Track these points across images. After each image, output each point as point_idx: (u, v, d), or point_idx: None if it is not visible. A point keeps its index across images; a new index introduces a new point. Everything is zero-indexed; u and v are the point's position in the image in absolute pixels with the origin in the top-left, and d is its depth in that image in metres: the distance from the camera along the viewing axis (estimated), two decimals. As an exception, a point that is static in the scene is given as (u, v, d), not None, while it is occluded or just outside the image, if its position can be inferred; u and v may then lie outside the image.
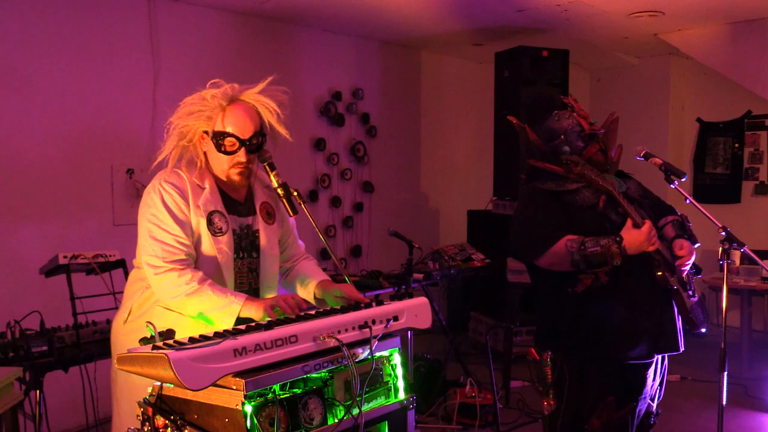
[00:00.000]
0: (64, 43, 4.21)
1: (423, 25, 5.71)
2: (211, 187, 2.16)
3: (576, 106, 2.81)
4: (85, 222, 4.29)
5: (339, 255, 6.04)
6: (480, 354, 5.41)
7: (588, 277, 2.51)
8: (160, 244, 2.05)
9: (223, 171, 2.17)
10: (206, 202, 2.13)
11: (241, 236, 2.22)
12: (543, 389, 2.69)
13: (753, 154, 6.62)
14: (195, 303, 2.02)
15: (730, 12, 5.34)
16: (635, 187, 2.81)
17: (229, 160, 2.14)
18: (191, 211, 2.11)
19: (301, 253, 2.47)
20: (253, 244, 2.25)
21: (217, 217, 2.14)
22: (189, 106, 2.13)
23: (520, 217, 2.78)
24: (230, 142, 2.12)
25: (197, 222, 2.11)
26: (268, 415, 1.62)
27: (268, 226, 2.28)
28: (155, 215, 2.08)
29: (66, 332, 2.90)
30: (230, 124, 2.11)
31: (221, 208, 2.16)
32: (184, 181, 2.13)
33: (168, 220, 2.06)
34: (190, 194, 2.12)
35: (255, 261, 2.25)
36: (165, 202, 2.08)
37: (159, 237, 2.06)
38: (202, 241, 2.12)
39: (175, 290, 2.02)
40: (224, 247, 2.14)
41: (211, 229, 2.12)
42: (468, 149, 7.35)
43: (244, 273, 2.23)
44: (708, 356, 3.48)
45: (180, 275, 2.02)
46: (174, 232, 2.06)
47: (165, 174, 2.15)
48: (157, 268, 2.04)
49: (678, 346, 2.61)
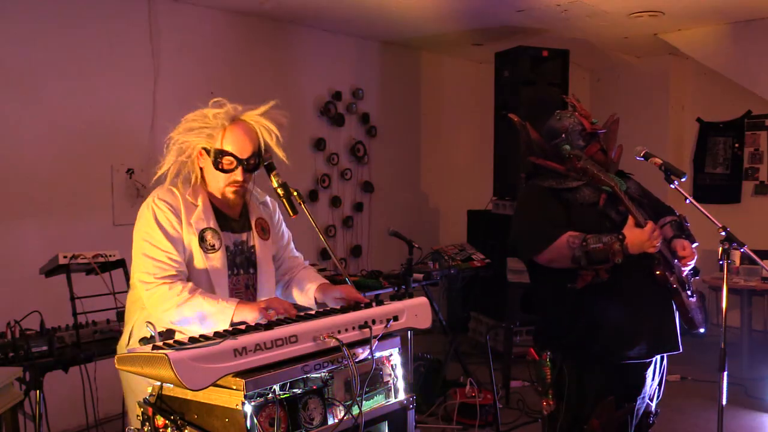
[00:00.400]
0: (63, 44, 4.21)
1: (423, 25, 5.71)
2: (204, 205, 2.17)
3: (578, 105, 2.82)
4: (85, 222, 4.29)
5: (339, 255, 6.04)
6: (480, 354, 5.41)
7: (588, 274, 2.52)
8: (152, 261, 2.06)
9: (218, 188, 2.18)
10: (198, 220, 2.14)
11: (235, 253, 2.23)
12: (542, 389, 2.69)
13: (753, 154, 6.61)
14: (187, 312, 2.01)
15: (730, 12, 5.34)
16: (635, 187, 2.82)
17: (226, 178, 2.15)
18: (183, 228, 2.12)
19: (300, 264, 2.48)
20: (249, 260, 2.26)
21: (209, 234, 2.15)
22: (190, 122, 2.14)
23: (520, 214, 2.78)
24: (228, 161, 2.13)
25: (189, 239, 2.12)
26: (268, 415, 1.62)
27: (263, 242, 2.29)
28: (148, 233, 2.10)
29: (66, 332, 2.91)
30: (230, 143, 2.12)
31: (214, 225, 2.17)
32: (177, 198, 2.15)
33: (160, 237, 2.08)
34: (183, 212, 2.13)
35: (252, 277, 2.26)
36: (158, 219, 2.10)
37: (151, 254, 2.07)
38: (195, 258, 2.13)
39: (166, 303, 2.02)
40: (217, 263, 2.15)
41: (203, 246, 2.13)
42: (468, 149, 7.34)
43: (241, 290, 2.23)
44: (708, 356, 3.48)
45: (171, 288, 2.03)
46: (166, 249, 2.07)
47: (160, 191, 2.17)
48: (148, 284, 2.05)
49: (677, 345, 2.62)
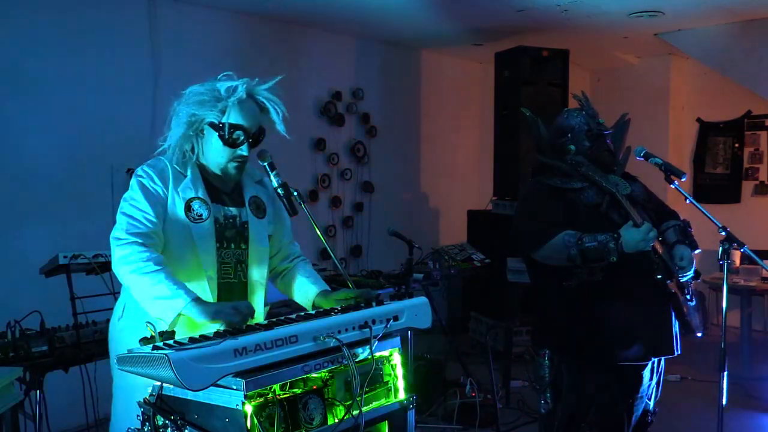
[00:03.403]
0: (64, 43, 4.21)
1: (423, 25, 5.71)
2: (193, 175, 2.15)
3: (586, 104, 2.79)
4: (85, 222, 4.28)
5: (339, 255, 6.04)
6: (480, 354, 5.41)
7: (583, 272, 2.52)
8: (127, 218, 2.04)
9: (219, 163, 2.16)
10: (186, 189, 2.12)
11: (225, 226, 2.18)
12: (540, 388, 2.69)
13: (753, 154, 6.62)
14: (144, 284, 1.95)
15: (730, 12, 5.34)
16: (640, 190, 2.80)
17: (231, 153, 2.13)
18: (170, 195, 2.10)
19: (298, 254, 2.45)
20: (241, 235, 2.21)
21: (196, 204, 2.12)
22: (200, 96, 2.11)
23: (521, 210, 2.78)
24: (239, 136, 2.12)
25: (175, 207, 2.09)
26: (268, 415, 1.62)
27: (257, 220, 2.25)
28: (130, 195, 2.09)
29: (66, 332, 2.90)
30: (242, 117, 2.11)
31: (203, 195, 2.14)
32: (166, 165, 2.13)
33: (139, 197, 2.06)
34: (171, 179, 2.11)
35: (244, 252, 2.22)
36: (140, 182, 2.09)
37: (127, 211, 2.06)
38: (181, 227, 2.09)
39: (130, 265, 1.96)
40: (204, 234, 2.11)
41: (190, 216, 2.10)
42: (468, 149, 7.34)
43: (231, 264, 2.19)
44: (708, 356, 3.48)
45: (140, 251, 1.98)
46: (143, 209, 2.05)
47: (150, 160, 2.16)
48: (119, 240, 2.01)
49: (673, 349, 2.61)
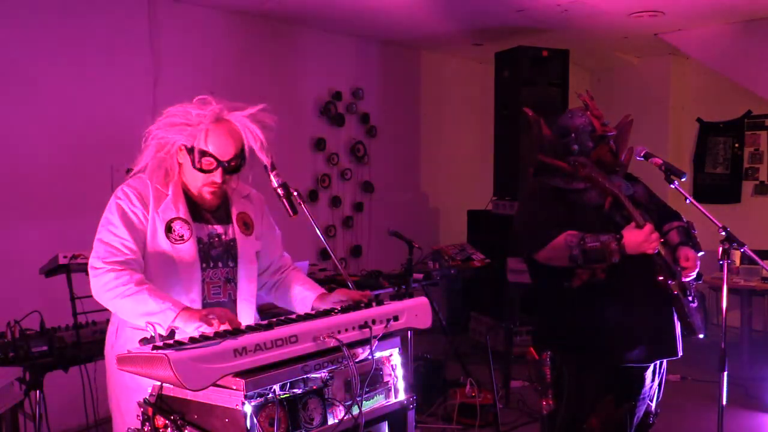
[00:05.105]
0: (64, 44, 4.21)
1: (423, 25, 5.71)
2: (174, 194, 2.10)
3: (591, 104, 2.76)
4: (85, 222, 4.24)
5: (339, 255, 6.04)
6: (480, 354, 5.41)
7: (585, 273, 2.51)
8: (104, 246, 2.01)
9: (196, 187, 2.12)
10: (166, 209, 2.08)
11: (210, 245, 2.14)
12: (542, 389, 2.69)
13: (753, 154, 6.62)
14: (130, 306, 1.93)
15: (730, 12, 5.34)
16: (642, 191, 2.79)
17: (204, 178, 2.08)
18: (150, 217, 2.06)
19: (289, 265, 2.42)
20: (228, 253, 2.18)
21: (177, 224, 2.08)
22: (172, 117, 2.08)
23: (523, 210, 2.77)
24: (208, 162, 2.06)
25: (155, 229, 2.06)
26: (268, 415, 1.62)
27: (245, 237, 2.21)
28: (107, 218, 2.06)
29: (66, 332, 2.90)
30: (212, 143, 2.05)
31: (184, 215, 2.10)
32: (146, 186, 2.09)
33: (117, 223, 2.03)
34: (152, 200, 2.07)
35: (232, 270, 2.18)
36: (119, 206, 2.05)
37: (104, 238, 2.03)
38: (162, 249, 2.06)
39: (111, 292, 1.94)
40: (185, 255, 2.07)
41: (171, 237, 2.06)
42: (468, 149, 7.34)
43: (219, 283, 2.15)
44: (708, 356, 3.48)
45: (117, 276, 1.95)
46: (120, 235, 2.02)
47: (131, 180, 2.12)
48: (96, 269, 1.98)
49: (676, 351, 2.60)
